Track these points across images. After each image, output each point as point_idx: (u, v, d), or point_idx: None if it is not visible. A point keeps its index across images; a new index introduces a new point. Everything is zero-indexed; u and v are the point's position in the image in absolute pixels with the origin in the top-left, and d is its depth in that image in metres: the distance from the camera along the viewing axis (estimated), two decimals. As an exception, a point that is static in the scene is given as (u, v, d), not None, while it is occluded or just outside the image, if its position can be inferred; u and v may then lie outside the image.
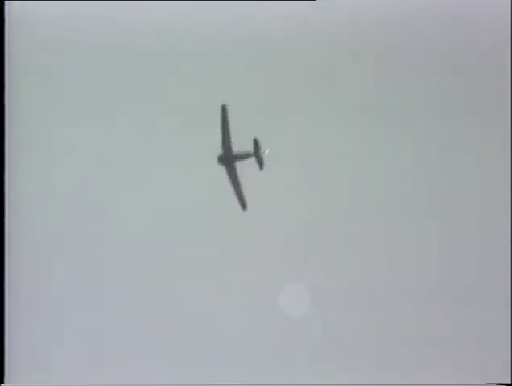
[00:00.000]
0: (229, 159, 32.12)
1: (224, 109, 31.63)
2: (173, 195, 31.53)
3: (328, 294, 30.40)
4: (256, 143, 31.76)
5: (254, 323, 30.60)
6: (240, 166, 32.18)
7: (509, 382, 29.86)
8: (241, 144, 32.10)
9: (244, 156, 32.12)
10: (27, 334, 30.18)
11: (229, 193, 32.03)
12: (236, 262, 30.77)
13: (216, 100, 31.64)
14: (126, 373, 30.02)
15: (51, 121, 31.08)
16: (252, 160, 32.03)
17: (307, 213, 31.47)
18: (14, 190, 30.37)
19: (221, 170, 32.20)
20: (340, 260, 30.78)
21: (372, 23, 31.10)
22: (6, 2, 30.44)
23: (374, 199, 31.42)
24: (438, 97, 31.40)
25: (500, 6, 30.79)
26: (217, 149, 32.03)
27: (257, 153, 31.87)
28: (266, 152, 31.86)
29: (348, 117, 31.65)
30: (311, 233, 31.27)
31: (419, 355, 30.41)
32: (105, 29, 30.80)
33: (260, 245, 31.16)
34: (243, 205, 32.00)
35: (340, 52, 31.43)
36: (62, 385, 29.97)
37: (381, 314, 30.62)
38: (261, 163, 31.89)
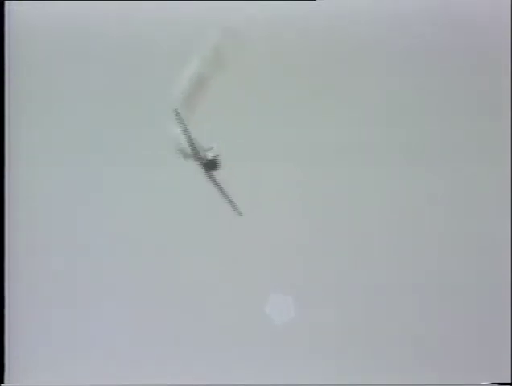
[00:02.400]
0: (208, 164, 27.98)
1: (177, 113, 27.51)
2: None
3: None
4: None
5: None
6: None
7: (510, 382, 30.03)
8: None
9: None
10: (27, 334, 30.26)
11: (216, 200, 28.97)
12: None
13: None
14: (127, 374, 30.15)
15: (51, 121, 31.17)
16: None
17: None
18: (13, 190, 30.47)
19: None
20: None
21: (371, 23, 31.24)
22: (6, 2, 30.57)
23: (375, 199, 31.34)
24: (438, 97, 31.54)
25: (500, 6, 30.98)
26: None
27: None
28: (212, 148, 27.65)
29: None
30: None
31: (419, 354, 30.55)
32: (113, 28, 30.81)
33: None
34: (237, 210, 28.59)
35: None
36: (62, 385, 30.10)
37: (380, 314, 30.74)
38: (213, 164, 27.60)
